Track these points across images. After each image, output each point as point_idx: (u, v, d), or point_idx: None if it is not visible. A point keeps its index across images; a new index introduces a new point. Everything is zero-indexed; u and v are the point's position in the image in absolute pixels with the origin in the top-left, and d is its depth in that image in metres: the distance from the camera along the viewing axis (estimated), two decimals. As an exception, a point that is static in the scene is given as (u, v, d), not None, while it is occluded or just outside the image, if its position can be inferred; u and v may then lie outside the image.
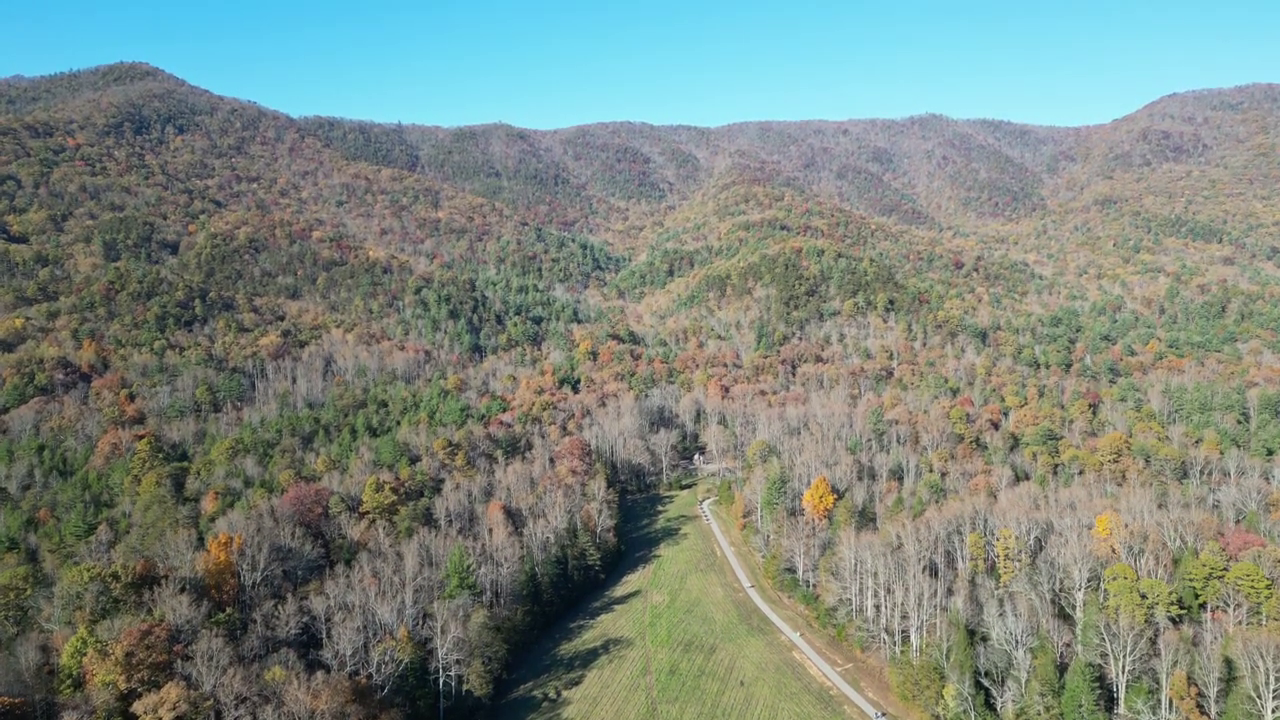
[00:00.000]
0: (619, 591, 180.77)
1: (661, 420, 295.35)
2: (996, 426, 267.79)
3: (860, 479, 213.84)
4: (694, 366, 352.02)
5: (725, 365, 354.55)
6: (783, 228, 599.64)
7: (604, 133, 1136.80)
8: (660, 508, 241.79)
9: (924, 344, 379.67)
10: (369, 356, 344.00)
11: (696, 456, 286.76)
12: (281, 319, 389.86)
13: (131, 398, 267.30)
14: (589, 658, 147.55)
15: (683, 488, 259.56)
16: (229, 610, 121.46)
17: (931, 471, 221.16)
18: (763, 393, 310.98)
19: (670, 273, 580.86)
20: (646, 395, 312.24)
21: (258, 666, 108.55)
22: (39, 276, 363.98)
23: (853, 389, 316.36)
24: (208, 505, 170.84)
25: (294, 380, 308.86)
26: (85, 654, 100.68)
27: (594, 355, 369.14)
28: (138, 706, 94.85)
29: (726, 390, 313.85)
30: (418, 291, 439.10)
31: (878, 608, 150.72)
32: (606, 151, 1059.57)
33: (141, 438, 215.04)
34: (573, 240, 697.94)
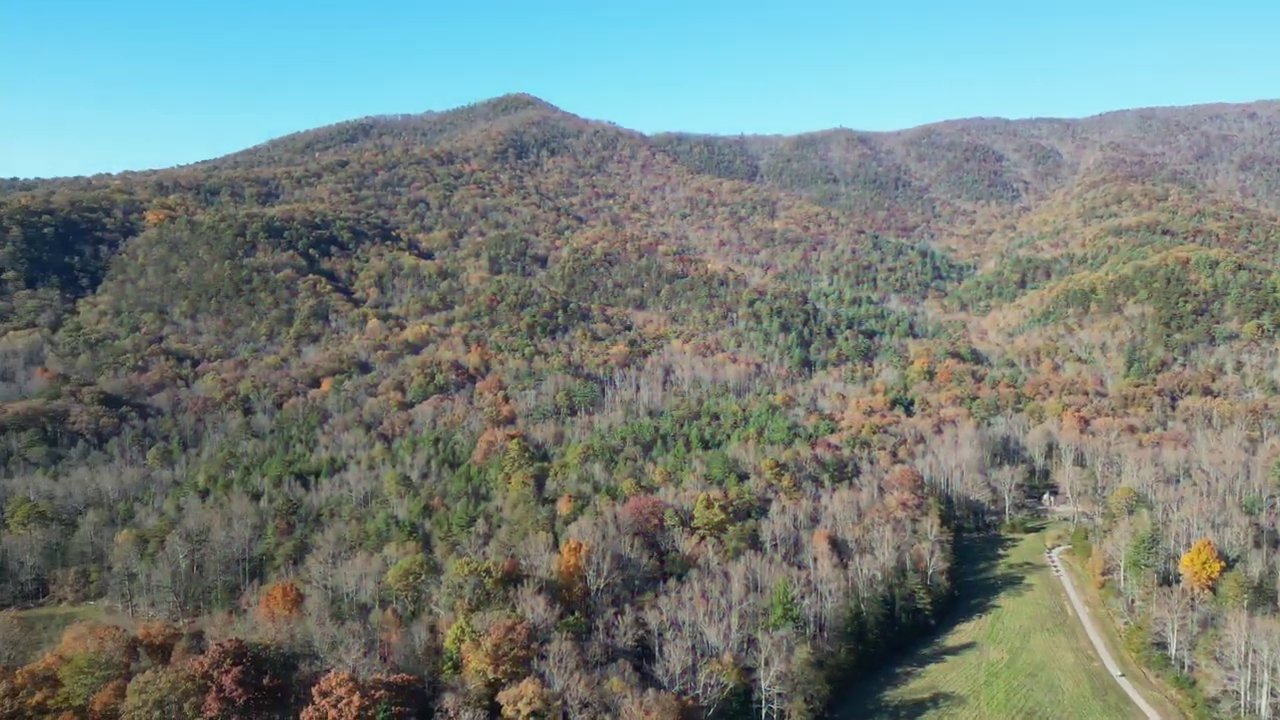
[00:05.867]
0: (950, 641, 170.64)
1: (1006, 453, 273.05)
2: None
3: (1258, 546, 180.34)
4: (1046, 393, 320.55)
5: (1085, 393, 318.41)
6: (1165, 232, 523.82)
7: (951, 131, 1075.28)
8: (1001, 551, 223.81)
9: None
10: (704, 367, 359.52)
11: (1046, 497, 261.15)
12: (629, 329, 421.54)
13: (506, 399, 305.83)
14: (915, 711, 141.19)
15: (1028, 531, 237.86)
16: (577, 614, 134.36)
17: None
18: (1131, 429, 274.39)
19: (1022, 284, 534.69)
20: (989, 423, 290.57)
21: (599, 673, 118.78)
22: (440, 288, 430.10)
23: (1252, 431, 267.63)
24: (563, 507, 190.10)
25: (637, 388, 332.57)
26: (463, 641, 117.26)
27: (930, 374, 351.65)
28: (502, 696, 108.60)
29: (1086, 423, 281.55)
30: (751, 304, 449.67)
31: (1276, 710, 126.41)
32: (953, 151, 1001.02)
33: (513, 438, 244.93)
34: (911, 248, 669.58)
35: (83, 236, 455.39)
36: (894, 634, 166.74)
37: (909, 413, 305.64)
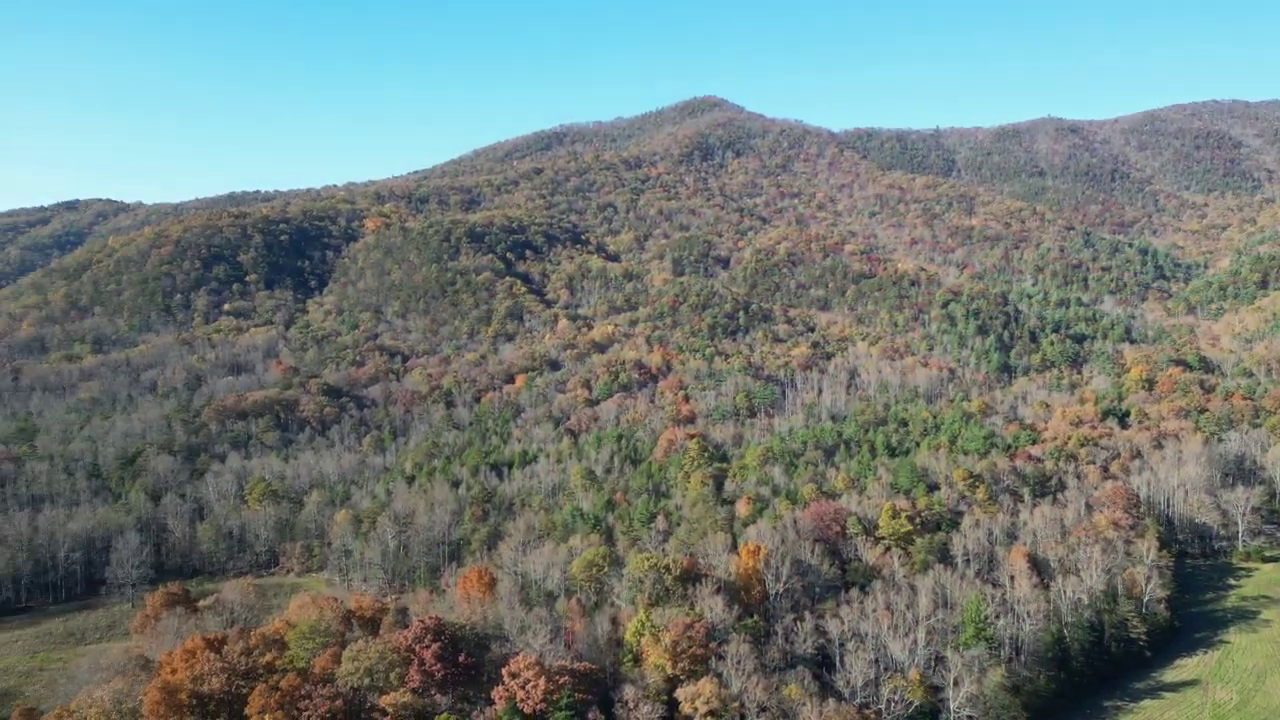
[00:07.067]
0: (1169, 676, 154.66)
1: (1240, 473, 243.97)
2: None
3: None
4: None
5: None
6: None
7: (1179, 116, 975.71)
8: (1231, 581, 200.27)
9: None
10: (891, 371, 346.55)
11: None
12: (812, 330, 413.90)
13: (687, 399, 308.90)
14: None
15: (1265, 560, 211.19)
16: (755, 617, 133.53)
17: None
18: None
19: (1263, 284, 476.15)
20: (1220, 439, 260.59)
21: (777, 678, 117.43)
22: (625, 290, 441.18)
23: None
24: (741, 509, 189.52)
25: (820, 391, 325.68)
26: (643, 635, 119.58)
27: (1149, 383, 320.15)
28: (680, 693, 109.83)
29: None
30: (944, 305, 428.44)
31: None
32: (1181, 138, 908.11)
33: (693, 437, 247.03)
34: (1130, 245, 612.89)
35: (312, 242, 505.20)
36: (1102, 664, 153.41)
37: (1123, 425, 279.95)
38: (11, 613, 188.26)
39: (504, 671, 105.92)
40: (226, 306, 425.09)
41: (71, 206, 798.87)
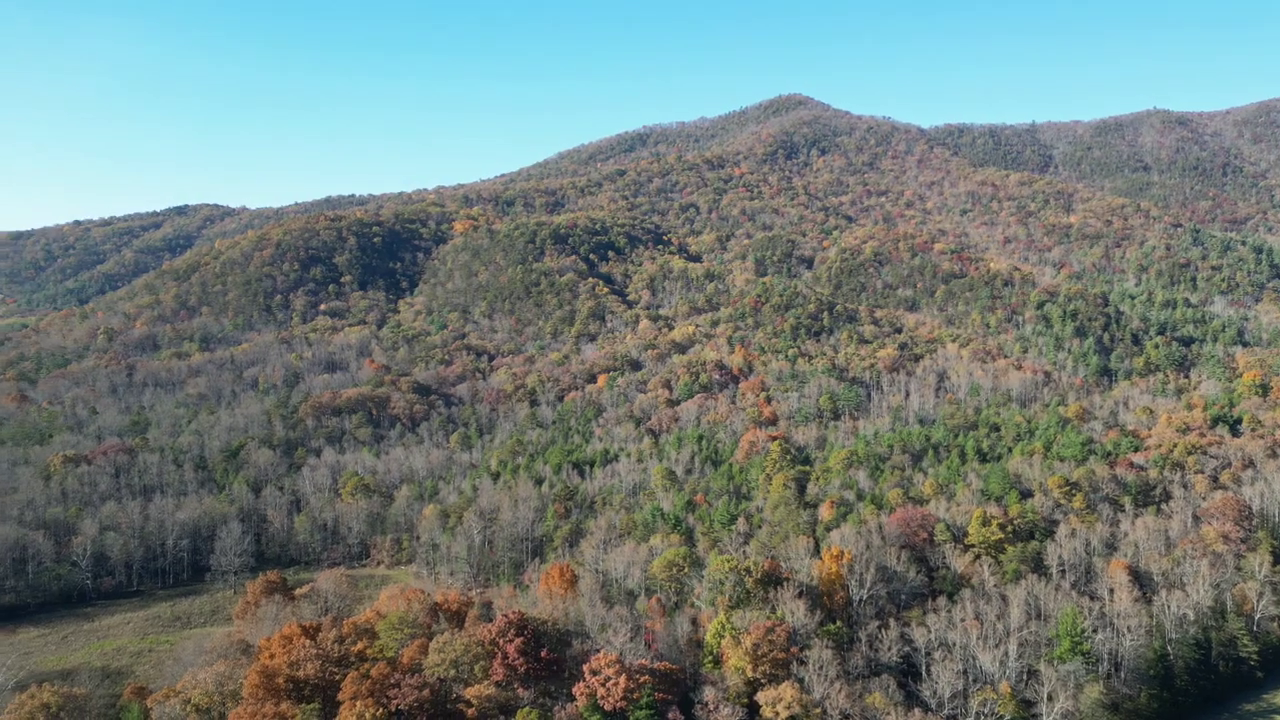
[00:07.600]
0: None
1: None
2: None
3: None
4: None
5: None
6: None
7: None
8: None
9: None
10: (983, 374, 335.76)
11: None
12: (899, 331, 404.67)
13: (768, 400, 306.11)
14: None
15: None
16: (838, 623, 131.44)
17: None
18: None
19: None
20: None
21: (860, 686, 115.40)
22: (707, 290, 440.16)
23: None
24: (824, 513, 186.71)
25: (907, 394, 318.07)
26: (723, 637, 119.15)
27: (1264, 389, 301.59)
28: (761, 696, 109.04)
29: None
30: (1040, 306, 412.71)
31: None
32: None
33: (774, 439, 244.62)
34: (1243, 242, 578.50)
35: (404, 244, 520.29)
36: (1208, 683, 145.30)
37: (1235, 432, 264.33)
38: (124, 596, 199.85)
39: (585, 668, 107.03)
40: (323, 306, 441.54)
41: (181, 211, 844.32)
